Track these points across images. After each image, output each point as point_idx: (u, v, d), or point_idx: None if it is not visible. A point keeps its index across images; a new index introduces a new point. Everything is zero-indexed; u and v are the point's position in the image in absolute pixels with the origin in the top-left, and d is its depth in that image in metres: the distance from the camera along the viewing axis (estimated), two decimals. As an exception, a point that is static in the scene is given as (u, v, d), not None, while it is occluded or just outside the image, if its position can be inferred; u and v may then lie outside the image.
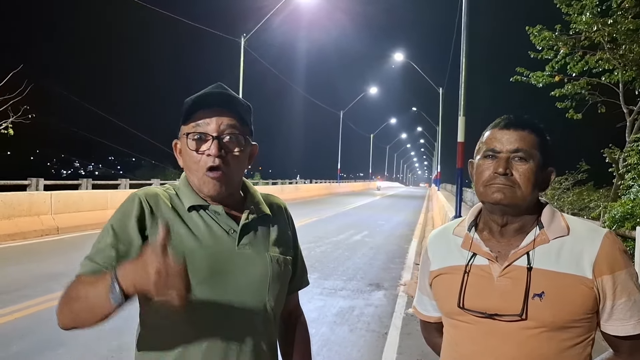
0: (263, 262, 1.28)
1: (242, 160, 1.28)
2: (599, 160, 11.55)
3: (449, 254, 1.35)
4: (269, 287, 1.27)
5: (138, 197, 1.24)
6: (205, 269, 1.19)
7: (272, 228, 1.36)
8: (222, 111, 1.24)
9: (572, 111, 12.20)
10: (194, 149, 1.24)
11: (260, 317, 1.26)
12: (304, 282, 1.52)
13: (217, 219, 1.27)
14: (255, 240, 1.29)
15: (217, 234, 1.25)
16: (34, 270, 7.40)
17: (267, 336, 1.28)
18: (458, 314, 1.28)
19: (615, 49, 10.93)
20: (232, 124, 1.24)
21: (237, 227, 1.27)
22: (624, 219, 7.11)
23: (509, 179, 1.22)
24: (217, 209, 1.27)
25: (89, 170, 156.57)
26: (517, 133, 1.25)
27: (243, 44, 21.44)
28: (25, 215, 10.63)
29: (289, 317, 1.49)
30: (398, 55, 30.78)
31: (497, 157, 1.25)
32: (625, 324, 1.19)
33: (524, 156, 1.23)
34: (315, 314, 5.76)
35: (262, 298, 1.26)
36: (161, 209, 1.24)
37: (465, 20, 10.73)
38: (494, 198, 1.23)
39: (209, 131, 1.23)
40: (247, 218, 1.29)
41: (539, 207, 1.29)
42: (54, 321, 1.16)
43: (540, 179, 1.25)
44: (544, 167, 1.25)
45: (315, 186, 37.13)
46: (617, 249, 1.20)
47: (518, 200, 1.22)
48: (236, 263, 1.23)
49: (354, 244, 11.62)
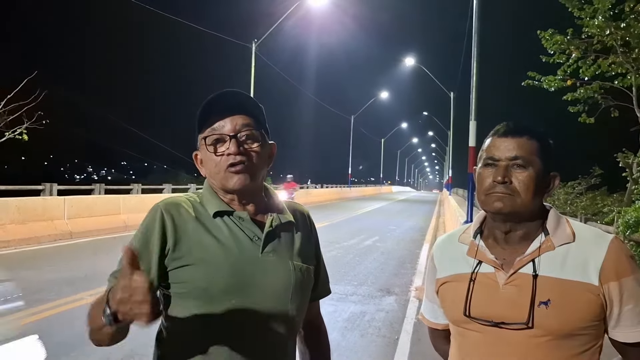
0: (286, 269, 1.27)
1: (262, 156, 1.29)
2: (612, 164, 11.45)
3: (455, 261, 1.35)
4: (292, 295, 1.27)
5: (160, 210, 1.24)
6: (229, 276, 1.20)
7: (295, 235, 1.35)
8: (235, 111, 1.26)
9: (585, 115, 12.09)
10: (213, 152, 1.25)
11: (283, 325, 1.25)
12: (326, 291, 1.52)
13: (241, 225, 1.27)
14: (279, 247, 1.29)
15: (241, 240, 1.25)
16: (48, 274, 7.47)
17: (289, 344, 1.29)
18: (464, 322, 1.28)
19: (628, 52, 10.83)
20: (247, 122, 1.26)
21: (261, 234, 1.27)
22: (637, 224, 7.03)
23: (508, 187, 1.22)
24: (242, 214, 1.28)
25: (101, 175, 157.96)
26: (515, 140, 1.24)
27: (254, 49, 21.56)
28: (39, 219, 10.75)
29: (309, 326, 1.48)
30: (409, 59, 30.77)
31: (497, 165, 1.25)
32: (633, 330, 1.18)
33: (522, 163, 1.22)
34: (326, 319, 5.66)
35: (285, 306, 1.26)
36: (184, 219, 1.25)
37: (476, 25, 10.70)
38: (494, 207, 1.23)
39: (226, 132, 1.24)
40: (271, 225, 1.29)
41: (544, 212, 1.29)
42: (67, 325, 1.19)
43: (541, 185, 1.24)
44: (545, 172, 1.24)
45: (326, 191, 37.12)
46: (623, 254, 1.19)
47: (518, 208, 1.22)
48: (260, 270, 1.23)
49: (365, 249, 11.60)
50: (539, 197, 1.24)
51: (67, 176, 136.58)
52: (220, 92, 1.29)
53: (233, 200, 1.30)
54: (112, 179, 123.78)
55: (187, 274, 1.20)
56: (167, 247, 1.22)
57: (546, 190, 1.26)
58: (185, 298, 1.21)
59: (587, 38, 11.17)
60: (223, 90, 1.30)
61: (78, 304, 5.83)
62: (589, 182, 15.21)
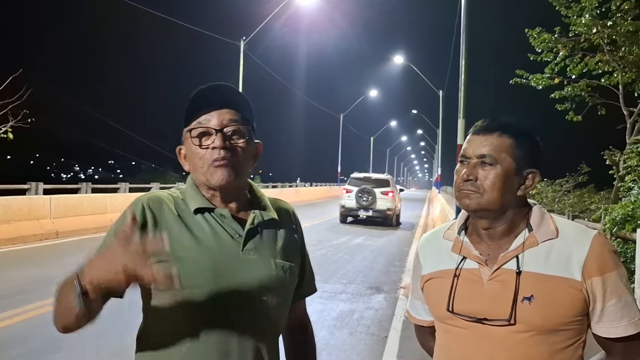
0: (267, 268, 1.25)
1: (248, 152, 1.26)
2: (599, 162, 11.53)
3: (440, 258, 1.35)
4: (273, 293, 1.25)
5: (141, 203, 1.23)
6: (209, 273, 1.18)
7: (278, 233, 1.33)
8: (223, 105, 1.23)
9: (572, 113, 12.18)
10: (197, 144, 1.22)
11: (263, 325, 1.23)
12: (311, 290, 1.49)
13: (223, 222, 1.25)
14: (261, 245, 1.27)
15: (222, 238, 1.23)
16: (34, 274, 7.39)
17: (269, 344, 1.26)
18: (448, 318, 1.28)
19: (614, 51, 10.92)
20: (234, 118, 1.23)
21: (242, 232, 1.25)
22: (624, 221, 7.08)
23: (474, 184, 1.23)
24: (223, 212, 1.25)
25: (88, 174, 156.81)
26: (485, 137, 1.25)
27: (243, 47, 21.47)
28: (25, 219, 10.63)
29: (295, 324, 1.46)
30: (398, 58, 30.82)
31: (468, 163, 1.26)
32: (616, 325, 1.19)
33: (489, 161, 1.23)
34: (315, 318, 5.74)
35: (266, 305, 1.24)
36: (165, 215, 1.23)
37: (464, 23, 10.74)
38: (462, 203, 1.26)
39: (212, 125, 1.21)
40: (253, 222, 1.27)
41: (528, 209, 1.29)
42: (52, 325, 1.16)
43: (511, 183, 1.23)
44: (518, 170, 1.24)
45: (316, 189, 37.11)
46: (606, 250, 1.19)
47: (485, 205, 1.23)
48: (240, 268, 1.21)
49: (354, 247, 11.61)
50: (509, 194, 1.23)
51: (53, 175, 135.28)
52: (209, 85, 1.26)
53: (215, 196, 1.27)
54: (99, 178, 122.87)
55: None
56: None
57: (520, 187, 1.25)
58: (164, 295, 1.18)
59: (574, 36, 11.26)
60: (212, 83, 1.27)
61: (64, 304, 5.77)
62: (577, 180, 15.32)
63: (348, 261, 9.72)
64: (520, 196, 1.25)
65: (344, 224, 17.02)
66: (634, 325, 1.19)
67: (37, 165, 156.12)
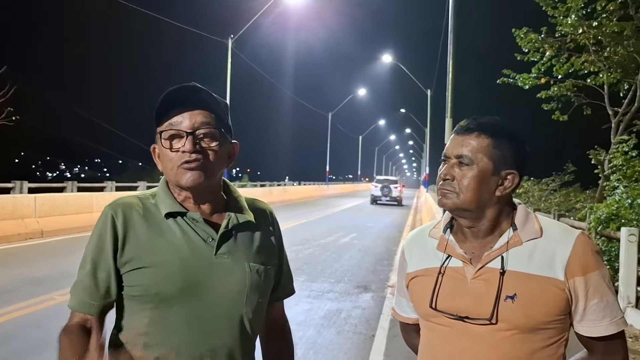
0: (241, 272, 1.23)
1: (221, 155, 1.24)
2: (585, 161, 11.64)
3: (425, 256, 1.35)
4: (247, 298, 1.23)
5: (110, 214, 1.22)
6: (180, 279, 1.17)
7: (254, 235, 1.30)
8: (195, 107, 1.21)
9: (558, 113, 12.28)
10: (168, 147, 1.21)
11: (237, 329, 1.22)
12: (289, 291, 1.47)
13: (195, 226, 1.23)
14: (235, 248, 1.25)
15: (195, 242, 1.21)
16: (17, 274, 7.29)
17: (244, 348, 1.25)
18: (432, 315, 1.28)
19: (600, 51, 11.03)
20: (206, 121, 1.21)
21: (215, 235, 1.23)
22: (609, 220, 7.16)
23: (450, 184, 1.24)
24: (195, 216, 1.23)
25: (74, 173, 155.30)
26: (464, 138, 1.25)
27: (230, 45, 21.38)
28: (9, 218, 10.48)
29: (272, 326, 1.44)
30: (386, 57, 30.83)
31: (447, 162, 1.27)
32: (598, 324, 1.19)
33: (466, 161, 1.23)
34: (303, 317, 5.73)
35: (239, 310, 1.22)
36: (134, 221, 1.21)
37: (452, 22, 10.78)
38: (440, 202, 1.27)
39: (183, 128, 1.19)
40: (227, 226, 1.25)
41: (512, 208, 1.29)
42: (36, 326, 1.16)
43: (488, 184, 1.23)
44: (495, 170, 1.23)
45: (304, 188, 37.06)
46: (589, 250, 1.20)
47: (461, 205, 1.23)
48: (213, 273, 1.20)
49: (342, 246, 11.60)
50: (486, 194, 1.23)
51: (38, 174, 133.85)
52: (181, 86, 1.23)
53: (188, 198, 1.25)
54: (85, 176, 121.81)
55: (138, 278, 1.17)
56: (119, 250, 1.19)
57: (498, 188, 1.24)
58: (136, 301, 1.18)
59: (561, 37, 11.35)
60: (184, 84, 1.24)
61: (48, 304, 5.71)
62: (563, 179, 15.46)
63: (336, 260, 9.72)
64: (500, 196, 1.25)
65: (332, 223, 17.05)
66: (615, 324, 1.19)
67: (22, 163, 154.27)
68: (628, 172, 8.81)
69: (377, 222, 18.53)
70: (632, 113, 10.88)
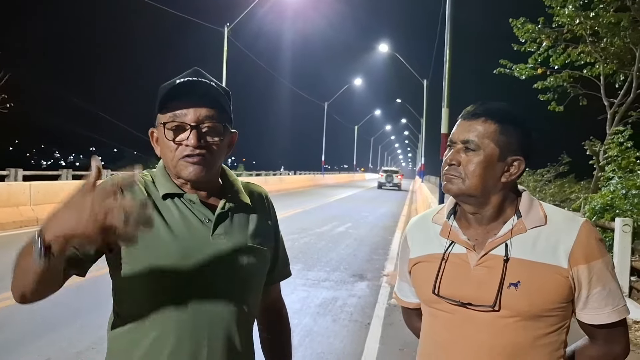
0: (238, 252, 1.23)
1: (222, 148, 1.24)
2: (580, 152, 11.68)
3: (428, 241, 1.34)
4: (244, 277, 1.24)
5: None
6: (177, 258, 1.16)
7: (250, 217, 1.31)
8: (200, 101, 1.20)
9: (554, 103, 12.31)
10: (171, 139, 1.20)
11: (234, 309, 1.22)
12: (286, 274, 1.48)
13: (192, 207, 1.23)
14: (232, 230, 1.25)
15: (191, 223, 1.21)
16: (10, 262, 7.26)
17: (241, 329, 1.24)
18: (434, 301, 1.28)
19: (596, 42, 11.04)
20: (210, 114, 1.20)
21: (212, 216, 1.23)
22: (603, 210, 7.20)
23: (456, 169, 1.24)
24: (192, 197, 1.23)
25: (69, 161, 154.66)
26: (471, 123, 1.24)
27: (227, 33, 21.23)
28: (4, 206, 10.44)
29: (270, 309, 1.45)
30: (383, 46, 30.70)
31: (454, 147, 1.26)
32: (600, 312, 1.20)
33: (472, 147, 1.22)
34: (299, 305, 5.76)
35: (236, 289, 1.22)
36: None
37: (449, 11, 10.73)
38: (445, 187, 1.26)
39: (188, 121, 1.18)
40: (224, 207, 1.25)
41: (517, 195, 1.29)
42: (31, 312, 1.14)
43: (494, 170, 1.23)
44: (501, 156, 1.23)
45: (300, 178, 37.04)
46: (593, 238, 1.20)
47: (466, 190, 1.23)
48: (209, 253, 1.19)
49: (337, 236, 11.63)
50: (491, 180, 1.23)
51: (33, 162, 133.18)
52: (188, 79, 1.21)
53: (185, 184, 1.25)
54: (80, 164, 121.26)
55: (134, 256, 1.16)
56: None
57: (504, 174, 1.24)
58: (134, 280, 1.17)
59: (558, 27, 11.34)
60: (189, 72, 1.23)
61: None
62: (558, 170, 15.51)
63: (331, 249, 9.74)
64: (505, 182, 1.24)
65: (328, 212, 17.08)
66: (617, 312, 1.20)
67: (16, 151, 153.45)
68: (623, 163, 8.85)
69: (372, 211, 18.57)
70: (627, 104, 10.92)
